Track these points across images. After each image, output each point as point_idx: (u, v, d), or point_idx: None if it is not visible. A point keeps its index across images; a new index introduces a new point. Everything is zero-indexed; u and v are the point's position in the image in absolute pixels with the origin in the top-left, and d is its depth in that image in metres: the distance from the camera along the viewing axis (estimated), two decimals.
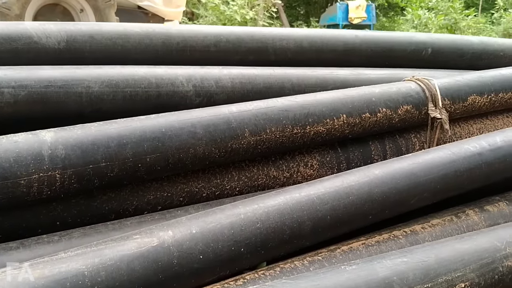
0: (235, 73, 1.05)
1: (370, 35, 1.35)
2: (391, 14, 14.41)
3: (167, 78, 0.95)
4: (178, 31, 1.06)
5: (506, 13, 15.04)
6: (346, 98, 1.03)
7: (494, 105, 1.22)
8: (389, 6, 13.64)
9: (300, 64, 1.22)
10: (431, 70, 1.42)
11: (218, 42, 1.10)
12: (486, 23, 17.03)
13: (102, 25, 0.99)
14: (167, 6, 4.33)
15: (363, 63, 1.33)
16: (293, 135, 0.96)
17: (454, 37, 1.53)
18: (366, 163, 1.10)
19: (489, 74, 1.24)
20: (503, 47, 1.59)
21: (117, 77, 0.91)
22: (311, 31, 1.26)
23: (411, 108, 1.08)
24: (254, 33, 1.17)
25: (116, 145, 0.79)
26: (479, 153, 1.01)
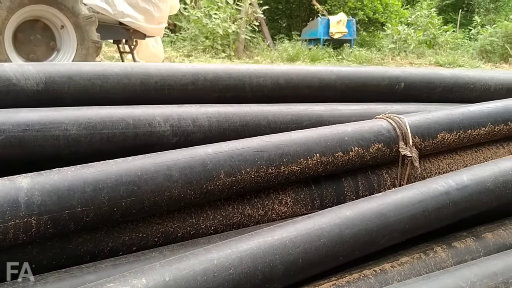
0: (212, 112, 1.07)
1: (345, 71, 1.39)
2: (371, 29, 14.65)
3: (144, 119, 0.97)
4: (156, 70, 1.08)
5: (483, 30, 15.44)
6: (319, 137, 1.06)
7: (463, 141, 1.27)
8: (369, 21, 13.88)
9: (276, 100, 1.25)
10: (404, 104, 1.47)
11: (196, 80, 1.13)
12: (464, 38, 17.46)
13: (81, 66, 1.01)
14: (149, 23, 4.34)
15: (338, 98, 1.37)
16: (268, 175, 0.98)
17: (426, 71, 1.58)
18: (339, 199, 1.14)
19: (458, 111, 1.29)
20: (473, 80, 1.65)
21: (95, 119, 0.92)
22: (288, 68, 1.29)
23: (382, 147, 1.12)
24: (231, 70, 1.19)
25: (92, 190, 0.80)
26: (446, 192, 1.05)
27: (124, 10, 4.10)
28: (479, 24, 16.50)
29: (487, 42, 13.25)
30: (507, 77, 1.76)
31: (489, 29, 14.61)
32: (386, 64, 11.43)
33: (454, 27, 18.70)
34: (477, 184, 1.10)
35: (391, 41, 13.21)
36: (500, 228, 1.17)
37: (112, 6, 4.00)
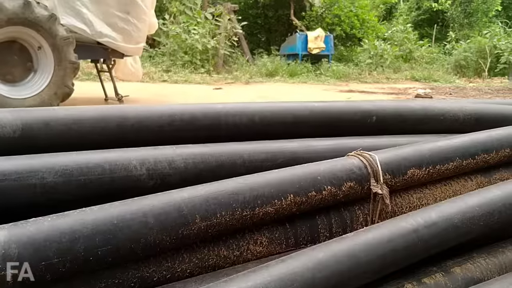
0: (188, 153, 1.10)
1: (318, 107, 1.43)
2: (349, 43, 14.89)
3: (120, 163, 0.99)
4: (133, 112, 1.10)
5: (458, 45, 15.85)
6: (293, 177, 1.08)
7: (432, 176, 1.31)
8: (347, 36, 14.12)
9: (252, 137, 1.27)
10: (376, 137, 1.51)
11: (172, 121, 1.15)
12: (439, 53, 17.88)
13: (57, 111, 1.02)
14: (127, 43, 4.35)
15: (313, 133, 1.40)
16: (243, 217, 1.00)
17: (397, 104, 1.64)
18: (313, 237, 1.17)
19: (427, 147, 1.33)
20: (443, 111, 1.71)
21: (71, 166, 0.93)
22: (263, 106, 1.33)
23: (354, 185, 1.15)
24: (207, 110, 1.22)
25: (68, 241, 0.81)
26: (415, 230, 1.09)
27: (102, 30, 4.10)
28: (454, 39, 16.94)
29: (461, 58, 13.62)
30: (475, 108, 1.83)
31: (463, 44, 15.00)
32: (364, 79, 11.63)
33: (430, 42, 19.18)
34: (445, 221, 1.14)
35: (368, 56, 13.46)
36: (468, 262, 1.21)
37: (90, 27, 4.00)
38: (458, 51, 14.40)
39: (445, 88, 9.24)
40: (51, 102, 3.65)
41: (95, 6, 4.06)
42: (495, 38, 14.32)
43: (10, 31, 3.46)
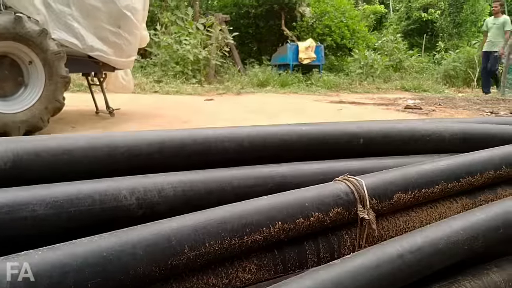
0: (178, 181, 1.11)
1: (306, 130, 1.45)
2: (339, 53, 15.00)
3: (110, 194, 1.00)
4: (123, 140, 1.12)
5: (447, 54, 16.02)
6: (281, 204, 1.10)
7: (418, 199, 1.34)
8: (337, 46, 14.23)
9: (241, 162, 1.29)
10: (363, 159, 1.54)
11: (162, 148, 1.17)
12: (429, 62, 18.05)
13: (48, 141, 1.03)
14: (119, 56, 4.36)
15: (301, 156, 1.43)
16: (231, 246, 1.02)
17: (383, 125, 1.67)
18: (301, 263, 1.18)
19: (413, 171, 1.36)
20: (429, 132, 1.74)
21: (61, 197, 0.95)
22: (251, 130, 1.35)
23: (341, 210, 1.18)
24: (197, 136, 1.24)
25: (58, 274, 0.82)
26: (400, 256, 1.11)
27: (93, 44, 4.11)
28: (443, 49, 17.14)
29: (451, 67, 13.78)
30: (461, 128, 1.87)
31: (452, 54, 15.16)
32: (354, 89, 11.71)
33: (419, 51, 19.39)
34: (430, 246, 1.16)
35: (359, 66, 13.57)
36: (453, 285, 1.24)
37: (81, 41, 4.01)
38: (447, 61, 14.57)
39: (434, 98, 9.33)
40: (42, 116, 3.65)
41: (86, 20, 4.08)
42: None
43: (1, 46, 3.46)
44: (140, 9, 4.48)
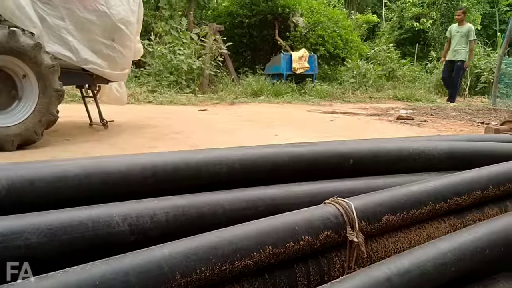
0: (170, 205, 1.13)
1: (297, 152, 1.48)
2: (332, 63, 15.09)
3: (103, 220, 1.02)
4: (116, 166, 1.14)
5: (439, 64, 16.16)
6: (271, 229, 1.13)
7: (406, 221, 1.37)
8: (330, 56, 14.32)
9: (233, 185, 1.32)
10: (353, 179, 1.57)
11: (155, 173, 1.19)
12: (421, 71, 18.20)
13: (42, 168, 1.05)
14: (112, 69, 4.38)
15: (292, 177, 1.45)
16: (222, 271, 1.04)
17: (373, 146, 1.70)
18: (292, 286, 1.20)
19: (401, 192, 1.39)
20: (417, 151, 1.78)
21: (55, 225, 0.96)
22: (243, 153, 1.37)
23: (331, 233, 1.20)
24: (189, 159, 1.26)
25: None
26: (388, 279, 1.13)
27: (87, 57, 4.13)
28: (435, 59, 17.29)
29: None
30: (448, 146, 1.90)
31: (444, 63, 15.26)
32: (347, 99, 11.78)
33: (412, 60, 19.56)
34: (418, 268, 1.19)
35: (352, 75, 13.66)
36: None
37: (75, 54, 4.03)
38: (439, 71, 14.69)
39: (426, 108, 9.41)
40: (36, 129, 3.66)
41: (80, 34, 4.10)
42: (475, 57, 14.67)
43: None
44: (134, 22, 4.51)
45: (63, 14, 3.99)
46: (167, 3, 12.09)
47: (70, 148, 3.83)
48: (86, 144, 4.02)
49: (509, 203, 1.71)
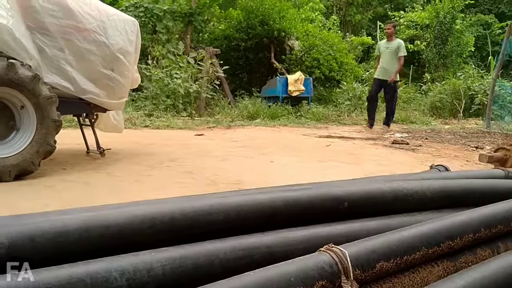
0: (167, 258, 1.15)
1: (292, 197, 1.51)
2: (328, 85, 15.21)
3: (101, 276, 1.04)
4: (115, 219, 1.16)
5: (433, 86, 16.33)
6: (266, 281, 1.14)
7: (400, 266, 1.39)
8: (326, 78, 14.45)
9: (229, 233, 1.34)
10: (348, 222, 1.59)
11: (153, 225, 1.21)
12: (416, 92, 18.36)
13: (43, 223, 1.08)
14: (110, 98, 4.43)
15: (288, 222, 1.48)
16: None
17: (367, 188, 1.73)
18: None
19: (394, 238, 1.42)
20: (411, 192, 1.81)
21: (53, 283, 0.98)
22: (239, 200, 1.40)
23: (325, 283, 1.22)
24: (187, 210, 1.29)
25: None
26: None
27: (86, 87, 4.17)
28: (429, 81, 17.48)
29: (437, 99, 14.02)
30: (441, 185, 1.94)
31: (438, 85, 15.44)
32: (343, 121, 11.86)
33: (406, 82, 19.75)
34: None
35: (347, 97, 13.77)
36: None
37: (73, 84, 4.07)
38: (433, 93, 14.85)
39: (421, 131, 9.48)
40: (33, 160, 3.67)
41: (79, 64, 4.15)
42: (469, 79, 14.84)
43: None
44: (132, 52, 4.57)
45: (62, 44, 4.05)
46: (164, 27, 12.24)
47: (67, 177, 3.84)
48: (83, 174, 4.03)
49: (500, 244, 1.74)
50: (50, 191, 3.40)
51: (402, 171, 4.73)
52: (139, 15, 11.77)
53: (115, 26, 4.43)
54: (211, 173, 4.21)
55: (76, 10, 4.14)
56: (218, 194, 1.50)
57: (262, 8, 14.25)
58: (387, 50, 9.86)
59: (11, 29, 3.52)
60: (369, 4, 27.93)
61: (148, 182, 3.88)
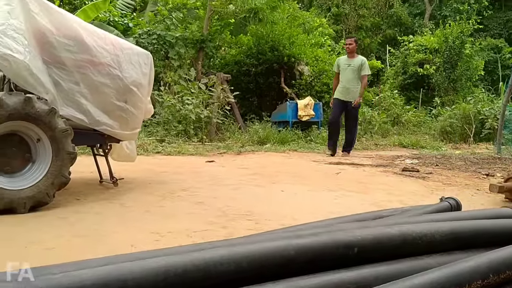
0: None
1: (304, 244, 1.54)
2: None
3: None
4: (131, 272, 1.21)
5: (443, 110, 16.32)
6: None
7: None
8: None
9: (240, 283, 1.38)
10: (358, 268, 1.62)
11: (166, 277, 1.25)
12: (426, 116, 18.35)
13: (61, 279, 1.12)
14: (124, 129, 4.51)
15: (300, 270, 1.51)
16: None
17: (376, 232, 1.76)
18: None
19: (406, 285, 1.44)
20: (420, 235, 1.84)
21: None
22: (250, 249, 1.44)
23: None
24: (198, 262, 1.33)
25: None
26: None
27: (100, 119, 4.27)
28: (439, 105, 17.49)
29: (447, 124, 14.00)
30: (451, 227, 1.96)
31: (448, 109, 15.44)
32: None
33: (416, 105, 19.78)
34: None
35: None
36: None
37: (88, 116, 4.17)
38: (443, 117, 14.84)
39: (431, 157, 9.45)
40: (48, 191, 3.74)
41: (93, 96, 4.25)
42: (479, 104, 14.84)
43: (10, 125, 3.60)
44: (145, 84, 4.68)
45: (77, 78, 4.16)
46: (176, 54, 12.46)
47: (81, 209, 3.91)
48: (97, 204, 4.10)
49: None
50: (63, 223, 3.46)
51: (412, 201, 4.73)
52: (152, 42, 12.02)
53: (129, 59, 4.55)
54: (222, 204, 4.24)
55: (91, 44, 4.26)
56: (229, 241, 1.54)
57: (272, 34, 14.47)
58: (348, 67, 8.97)
59: (29, 65, 3.63)
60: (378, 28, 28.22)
61: (159, 213, 3.92)
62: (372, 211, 2.90)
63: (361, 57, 9.29)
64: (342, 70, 9.06)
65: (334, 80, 9.53)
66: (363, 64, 8.93)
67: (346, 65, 9.02)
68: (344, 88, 9.02)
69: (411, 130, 15.98)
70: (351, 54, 9.07)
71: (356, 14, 27.43)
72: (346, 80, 8.96)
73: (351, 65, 8.95)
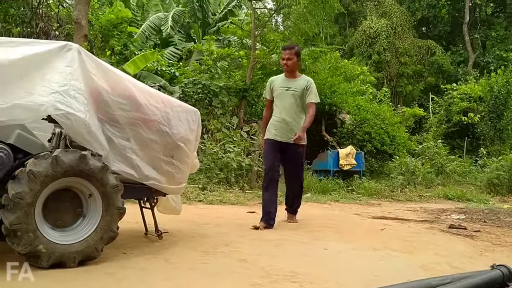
0: None
1: None
2: (379, 157, 15.13)
3: None
4: None
5: (489, 160, 15.85)
6: None
7: None
8: (377, 152, 14.39)
9: None
10: None
11: None
12: (471, 165, 17.82)
13: None
14: (170, 184, 4.63)
15: None
16: None
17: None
18: None
19: None
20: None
21: None
22: None
23: None
24: None
25: None
26: None
27: (148, 174, 4.39)
28: (485, 155, 16.99)
29: (494, 176, 13.55)
30: None
31: (495, 160, 15.00)
32: (396, 197, 11.65)
33: (461, 153, 19.28)
34: None
35: (399, 172, 13.57)
36: None
37: (137, 171, 4.30)
38: (490, 169, 14.36)
39: (478, 212, 9.12)
40: (97, 246, 3.84)
41: (143, 152, 4.40)
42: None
43: (65, 181, 3.76)
44: (193, 140, 4.81)
45: (129, 135, 4.32)
46: (220, 102, 12.78)
47: (127, 264, 3.98)
48: (142, 259, 4.16)
49: None
50: (110, 279, 3.52)
51: (460, 263, 4.56)
52: (197, 91, 12.41)
53: (177, 116, 4.71)
54: (265, 263, 4.22)
55: (143, 103, 4.45)
56: None
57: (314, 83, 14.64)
58: (287, 92, 5.95)
59: (88, 123, 3.82)
60: (420, 75, 28.08)
61: (202, 271, 3.94)
62: (420, 280, 2.82)
63: (306, 77, 6.26)
64: (278, 96, 6.01)
65: (264, 112, 6.43)
66: (309, 87, 5.95)
67: (284, 88, 5.98)
68: (282, 123, 5.99)
69: (455, 180, 15.51)
70: (291, 73, 6.06)
71: (397, 62, 27.45)
72: (285, 110, 5.94)
73: (290, 88, 5.94)
